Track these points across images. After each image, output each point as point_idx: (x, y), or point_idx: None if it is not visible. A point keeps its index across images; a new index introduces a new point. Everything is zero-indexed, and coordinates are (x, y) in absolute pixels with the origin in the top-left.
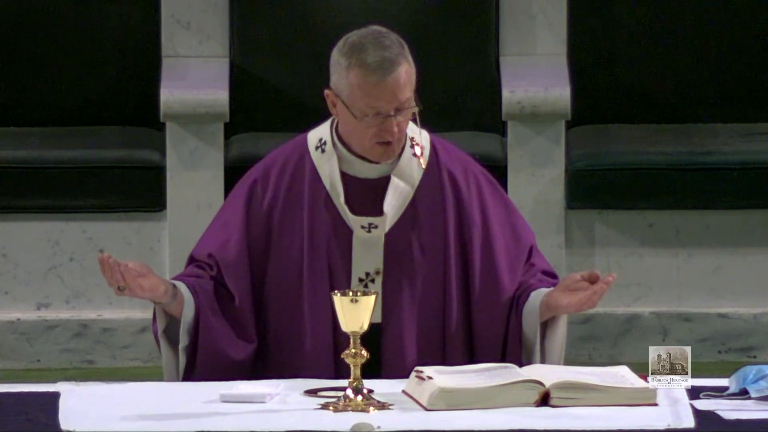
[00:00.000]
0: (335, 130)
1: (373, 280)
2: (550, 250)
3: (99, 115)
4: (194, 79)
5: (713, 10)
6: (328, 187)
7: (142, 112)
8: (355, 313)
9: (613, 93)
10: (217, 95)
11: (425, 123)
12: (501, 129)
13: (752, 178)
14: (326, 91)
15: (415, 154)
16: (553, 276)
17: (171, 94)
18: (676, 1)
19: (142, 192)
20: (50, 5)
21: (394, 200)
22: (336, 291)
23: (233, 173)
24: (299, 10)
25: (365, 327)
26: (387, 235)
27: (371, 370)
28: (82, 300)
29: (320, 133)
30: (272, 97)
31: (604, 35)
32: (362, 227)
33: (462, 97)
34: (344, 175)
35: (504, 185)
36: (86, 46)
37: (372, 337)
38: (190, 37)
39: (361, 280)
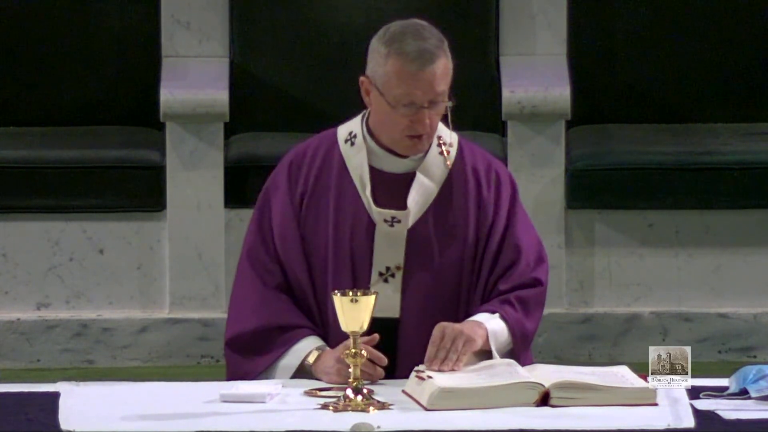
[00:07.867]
0: (366, 124)
1: (393, 275)
2: (550, 250)
3: (99, 115)
4: (194, 79)
5: (713, 10)
6: (355, 179)
7: (142, 112)
8: (355, 313)
9: (613, 93)
10: (217, 95)
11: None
12: (501, 129)
13: (752, 178)
14: (361, 78)
15: (441, 153)
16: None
17: (171, 94)
18: (676, 0)
19: (142, 192)
20: (50, 5)
21: (418, 196)
22: (336, 291)
23: (233, 173)
24: (299, 10)
25: (365, 327)
26: (409, 231)
27: (387, 365)
28: (82, 300)
29: (351, 126)
30: (272, 97)
31: (604, 35)
32: (385, 221)
33: (462, 97)
34: (371, 169)
35: None
36: (86, 46)
37: (389, 333)
38: (190, 37)
39: (381, 274)
